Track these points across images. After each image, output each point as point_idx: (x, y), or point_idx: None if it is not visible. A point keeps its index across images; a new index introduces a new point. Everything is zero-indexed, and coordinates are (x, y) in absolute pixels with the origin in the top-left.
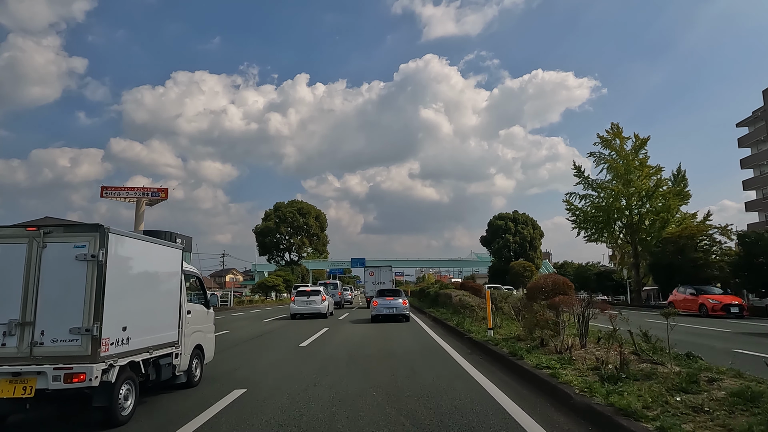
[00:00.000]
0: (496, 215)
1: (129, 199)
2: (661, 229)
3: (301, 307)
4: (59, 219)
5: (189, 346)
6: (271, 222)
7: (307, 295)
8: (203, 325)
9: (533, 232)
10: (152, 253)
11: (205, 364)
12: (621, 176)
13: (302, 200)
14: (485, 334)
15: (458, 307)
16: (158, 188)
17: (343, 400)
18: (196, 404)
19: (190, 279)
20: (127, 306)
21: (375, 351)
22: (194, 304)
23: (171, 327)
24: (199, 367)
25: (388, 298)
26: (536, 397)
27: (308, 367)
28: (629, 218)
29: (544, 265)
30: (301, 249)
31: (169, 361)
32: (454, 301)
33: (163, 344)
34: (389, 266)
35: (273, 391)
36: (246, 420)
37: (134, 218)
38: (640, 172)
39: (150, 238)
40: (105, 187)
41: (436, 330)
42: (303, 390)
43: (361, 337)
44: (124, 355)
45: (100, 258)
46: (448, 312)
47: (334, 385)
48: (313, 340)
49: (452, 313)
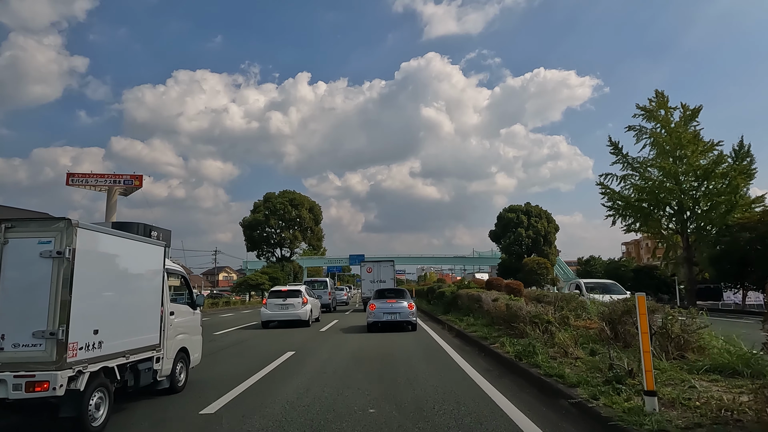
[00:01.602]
0: (506, 207)
1: (99, 188)
2: (726, 214)
3: (275, 312)
4: (26, 211)
5: (172, 349)
6: (260, 214)
7: (282, 297)
8: (189, 326)
9: (547, 226)
10: (129, 250)
11: (192, 367)
12: (668, 152)
13: (294, 191)
14: (630, 405)
15: (498, 318)
16: (131, 175)
17: None
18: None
19: (175, 278)
20: (99, 307)
21: (366, 422)
22: (179, 304)
23: (151, 329)
24: (183, 372)
25: (390, 301)
26: None
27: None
28: (683, 202)
29: (558, 262)
30: (293, 244)
31: (150, 365)
32: (488, 308)
33: (143, 348)
34: (391, 261)
35: None
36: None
37: (105, 209)
38: (693, 146)
39: (127, 234)
40: (71, 173)
41: (471, 358)
42: None
43: (344, 370)
44: (96, 361)
45: (67, 255)
46: (478, 323)
47: None
48: (248, 387)
49: (487, 327)
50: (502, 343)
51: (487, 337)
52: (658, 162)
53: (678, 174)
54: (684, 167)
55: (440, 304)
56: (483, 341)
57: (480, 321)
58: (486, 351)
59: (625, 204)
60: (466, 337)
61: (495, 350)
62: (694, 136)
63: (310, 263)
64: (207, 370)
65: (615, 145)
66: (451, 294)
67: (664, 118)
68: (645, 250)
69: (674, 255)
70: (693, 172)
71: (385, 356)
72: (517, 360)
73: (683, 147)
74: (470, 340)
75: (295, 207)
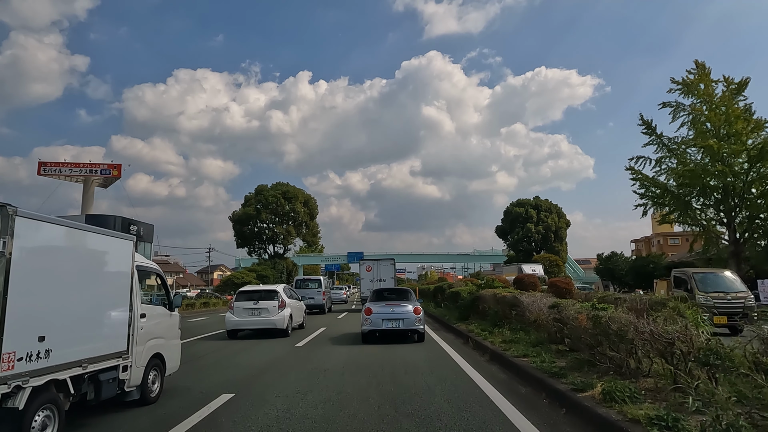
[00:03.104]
0: (514, 202)
1: (74, 178)
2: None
3: (243, 319)
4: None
5: (143, 356)
6: (251, 208)
7: (253, 300)
8: (164, 330)
9: (558, 221)
10: (86, 244)
11: (168, 375)
12: (711, 131)
13: (288, 183)
14: None
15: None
16: (109, 164)
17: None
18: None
19: (147, 276)
20: (46, 310)
21: None
22: (153, 305)
23: (116, 334)
24: (158, 380)
25: (391, 303)
26: None
27: None
28: (733, 186)
29: (568, 261)
30: (287, 240)
31: (114, 375)
32: (537, 318)
33: (105, 355)
34: (391, 259)
35: None
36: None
37: (81, 200)
38: (744, 123)
39: (85, 225)
40: (43, 162)
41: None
42: None
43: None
44: (41, 373)
45: (2, 248)
46: (521, 340)
47: None
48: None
49: (537, 347)
50: (607, 394)
51: (556, 372)
52: (701, 141)
53: (726, 155)
54: (732, 147)
55: (453, 307)
56: (553, 380)
57: (521, 336)
58: (569, 403)
59: (663, 191)
60: (510, 365)
61: (595, 409)
62: (744, 111)
63: (306, 261)
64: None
65: (648, 124)
66: (469, 295)
67: (705, 91)
68: (657, 248)
69: (716, 249)
70: (745, 152)
71: (386, 406)
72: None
73: (731, 124)
74: (517, 371)
75: (289, 200)
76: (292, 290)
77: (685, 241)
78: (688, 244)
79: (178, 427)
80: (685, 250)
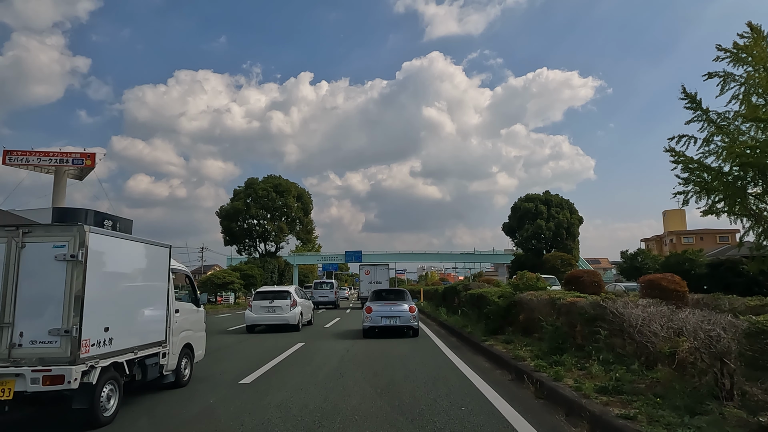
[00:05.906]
0: (522, 197)
1: (44, 168)
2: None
3: (260, 316)
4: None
5: (177, 345)
6: (240, 202)
7: (269, 299)
8: (193, 323)
9: (570, 217)
10: (137, 252)
11: (196, 362)
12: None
13: (280, 176)
14: None
15: None
16: (82, 153)
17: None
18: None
19: (180, 277)
20: (109, 306)
21: None
22: (183, 302)
23: (158, 326)
24: (188, 367)
25: (389, 303)
26: None
27: None
28: None
29: (579, 260)
30: (279, 237)
31: (156, 360)
32: (669, 347)
33: (150, 344)
34: (386, 264)
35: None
36: None
37: (52, 192)
38: None
39: (136, 237)
40: (8, 151)
41: None
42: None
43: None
44: (107, 356)
45: (80, 258)
46: (647, 392)
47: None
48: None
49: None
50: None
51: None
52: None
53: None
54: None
55: (473, 315)
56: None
57: (625, 375)
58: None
59: (714, 175)
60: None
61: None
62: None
63: (302, 261)
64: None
65: (692, 98)
66: (502, 300)
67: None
68: (669, 247)
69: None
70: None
71: None
72: None
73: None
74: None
75: (281, 194)
76: (302, 291)
77: (699, 239)
78: (702, 243)
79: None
80: (698, 248)
